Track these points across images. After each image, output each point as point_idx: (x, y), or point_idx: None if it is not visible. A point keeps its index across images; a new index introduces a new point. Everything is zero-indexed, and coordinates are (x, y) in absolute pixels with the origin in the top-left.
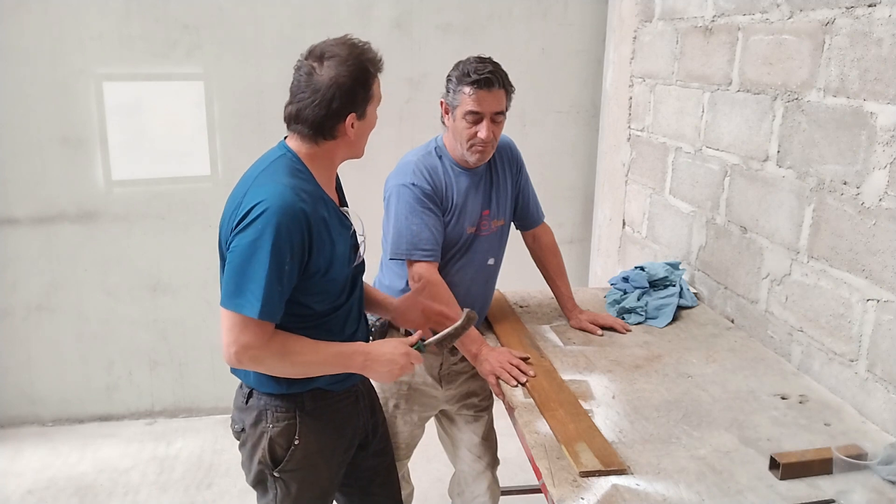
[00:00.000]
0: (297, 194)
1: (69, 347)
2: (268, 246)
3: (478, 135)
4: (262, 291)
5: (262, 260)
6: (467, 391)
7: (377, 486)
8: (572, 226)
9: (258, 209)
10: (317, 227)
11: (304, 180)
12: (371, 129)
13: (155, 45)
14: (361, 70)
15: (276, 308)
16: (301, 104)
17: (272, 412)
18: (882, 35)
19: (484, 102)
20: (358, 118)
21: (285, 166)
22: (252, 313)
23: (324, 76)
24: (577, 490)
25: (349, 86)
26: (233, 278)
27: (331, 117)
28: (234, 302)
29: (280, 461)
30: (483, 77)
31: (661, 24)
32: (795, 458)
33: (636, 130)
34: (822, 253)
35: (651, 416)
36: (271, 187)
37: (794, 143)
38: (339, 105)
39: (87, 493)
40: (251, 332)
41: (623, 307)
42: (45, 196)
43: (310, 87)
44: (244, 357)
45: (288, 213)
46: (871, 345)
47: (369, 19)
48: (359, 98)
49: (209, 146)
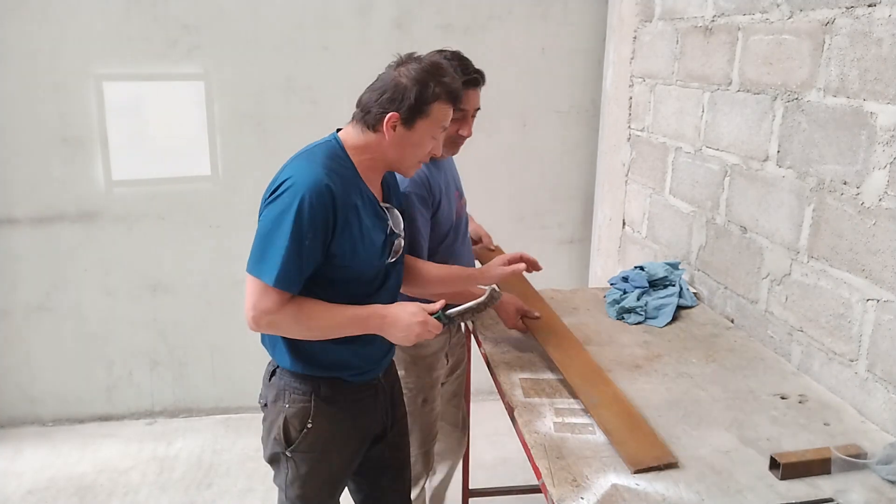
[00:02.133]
0: (328, 174)
1: (69, 347)
2: (291, 218)
3: (460, 132)
4: (280, 260)
5: (285, 231)
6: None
7: (387, 480)
8: (572, 226)
9: (287, 183)
10: (343, 208)
11: (341, 165)
12: (416, 146)
13: (155, 45)
14: (424, 81)
15: (294, 279)
16: (369, 89)
17: (290, 392)
18: (882, 35)
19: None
20: (402, 123)
21: (326, 150)
22: (268, 280)
23: (396, 72)
24: (576, 490)
25: (405, 85)
26: (258, 246)
27: (377, 106)
28: (256, 267)
29: (293, 441)
30: (472, 77)
31: (661, 24)
32: (796, 457)
33: (636, 130)
34: (822, 253)
35: (651, 415)
36: (304, 164)
37: (794, 143)
38: (388, 98)
39: (87, 493)
40: (269, 298)
41: (623, 307)
42: (45, 196)
43: (382, 79)
44: (262, 321)
45: (314, 189)
46: (870, 345)
47: (369, 19)
48: (408, 101)
49: (209, 146)
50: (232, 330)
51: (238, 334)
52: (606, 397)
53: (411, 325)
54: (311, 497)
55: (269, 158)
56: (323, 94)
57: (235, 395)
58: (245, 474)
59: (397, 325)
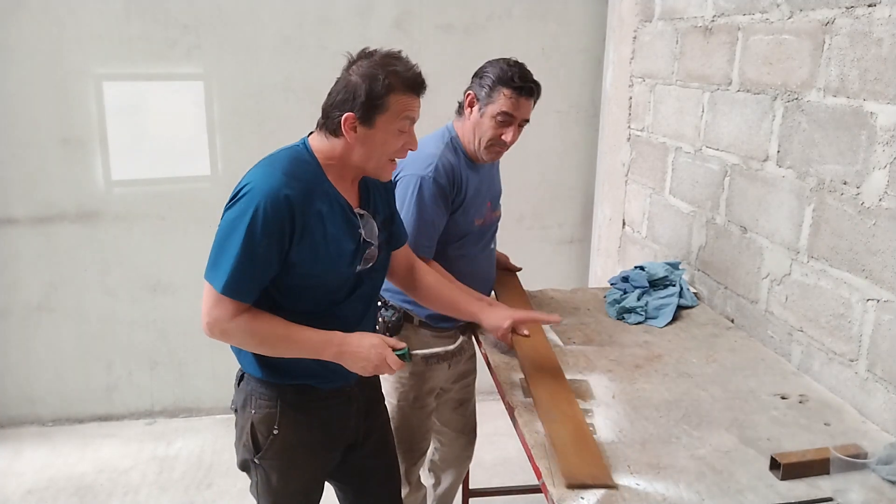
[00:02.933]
0: (287, 181)
1: (69, 347)
2: (244, 226)
3: (503, 137)
4: (230, 268)
5: (237, 238)
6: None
7: (374, 486)
8: (572, 226)
9: (245, 189)
10: (303, 216)
11: (305, 171)
12: (383, 143)
13: (155, 45)
14: (373, 75)
15: (246, 287)
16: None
17: (256, 398)
18: (882, 35)
19: (521, 109)
20: (360, 122)
21: (290, 155)
22: (217, 287)
23: (348, 72)
24: (576, 490)
25: (354, 83)
26: (213, 251)
27: (333, 108)
28: (209, 273)
29: (261, 448)
30: (527, 86)
31: (661, 24)
32: (796, 458)
33: (636, 130)
34: (822, 253)
35: (651, 415)
36: (263, 170)
37: (794, 143)
38: (341, 99)
39: (87, 493)
40: (221, 306)
41: (623, 307)
42: (45, 196)
43: (337, 81)
44: (215, 329)
45: (270, 196)
46: (871, 345)
47: (369, 19)
48: (360, 99)
49: (209, 146)
50: None
51: None
52: (566, 417)
53: (370, 356)
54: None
55: None
56: (323, 94)
57: None
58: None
59: (355, 355)
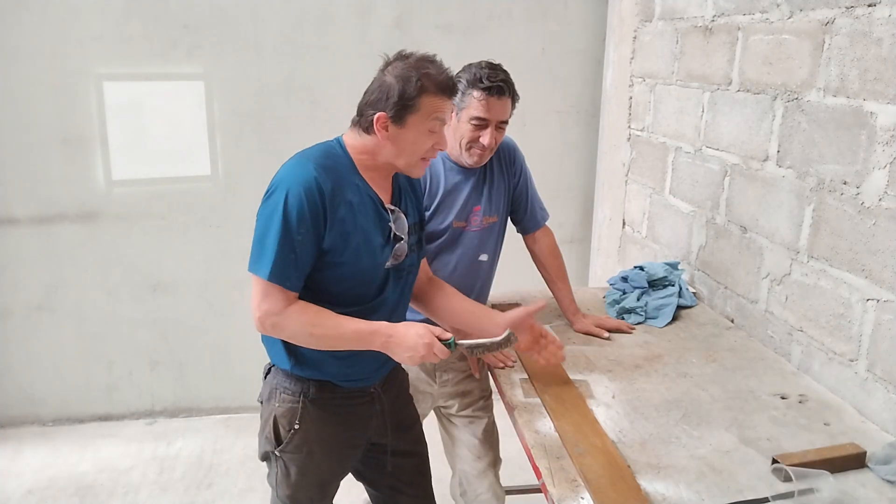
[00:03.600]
0: (318, 171)
1: (69, 347)
2: (280, 214)
3: (480, 140)
4: (273, 255)
5: (276, 227)
6: (463, 390)
7: (405, 485)
8: (572, 226)
9: (278, 181)
10: (335, 204)
11: (336, 163)
12: (413, 143)
13: (155, 45)
14: (407, 76)
15: (290, 273)
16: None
17: (280, 391)
18: (882, 35)
19: (493, 110)
20: (392, 121)
21: (322, 149)
22: (263, 274)
23: (383, 73)
24: (576, 490)
25: (389, 83)
26: (254, 246)
27: (367, 106)
28: (253, 266)
29: (282, 441)
30: (495, 85)
31: (661, 24)
32: (797, 458)
33: (636, 130)
34: (822, 253)
35: (651, 415)
36: (295, 162)
37: (794, 143)
38: (375, 98)
39: (87, 493)
40: (271, 298)
41: (623, 307)
42: (45, 196)
43: (373, 81)
44: (266, 322)
45: (302, 184)
46: (870, 344)
47: (369, 19)
48: (393, 99)
49: (209, 146)
50: (232, 330)
51: (238, 334)
52: (594, 448)
53: (417, 346)
54: (301, 498)
55: (269, 158)
56: (323, 94)
57: (235, 394)
58: (245, 474)
59: (402, 344)
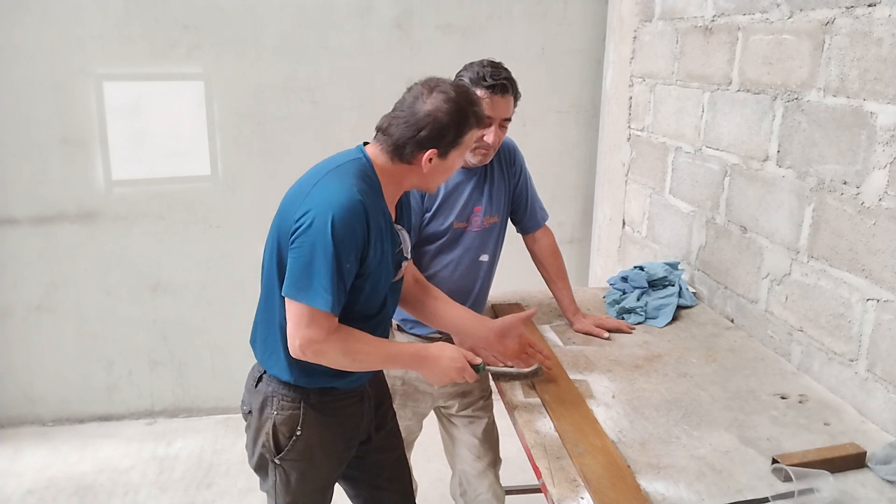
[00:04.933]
0: (360, 190)
1: (69, 347)
2: (329, 239)
3: (484, 138)
4: (329, 284)
5: (328, 254)
6: (462, 390)
7: (385, 480)
8: (572, 226)
9: (323, 205)
10: (372, 229)
11: (371, 186)
12: (448, 172)
13: (155, 45)
14: (462, 114)
15: (339, 301)
16: (396, 119)
17: (278, 399)
18: (882, 35)
19: (497, 108)
20: (439, 156)
21: (357, 169)
22: (324, 306)
23: (427, 104)
24: (576, 490)
25: (444, 123)
26: (300, 272)
27: (414, 143)
28: (304, 294)
29: (282, 449)
30: (499, 83)
31: (661, 24)
32: (797, 458)
33: (636, 130)
34: (822, 253)
35: (651, 415)
36: (338, 184)
37: (794, 143)
38: (426, 136)
39: (87, 493)
40: (317, 324)
41: (622, 307)
42: (45, 196)
43: (410, 108)
44: (308, 350)
45: (350, 209)
46: (870, 344)
47: (369, 19)
48: (447, 138)
49: (209, 146)
50: (232, 330)
51: (238, 334)
52: (594, 448)
53: (449, 369)
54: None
55: (268, 158)
56: (323, 94)
57: (235, 395)
58: (245, 474)
59: (436, 365)
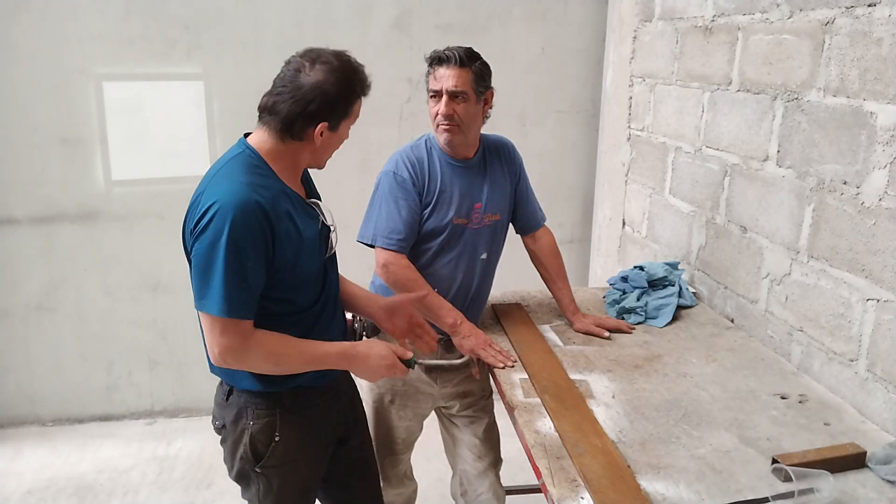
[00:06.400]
0: (254, 190)
1: (69, 347)
2: (224, 244)
3: (437, 112)
4: (222, 290)
5: (221, 259)
6: (463, 391)
7: (355, 479)
8: (572, 226)
9: (213, 209)
10: (278, 220)
11: (262, 176)
12: (339, 144)
13: (155, 45)
14: (348, 84)
15: (244, 305)
16: (279, 97)
17: (252, 409)
18: (882, 35)
19: (440, 79)
20: (329, 129)
21: (242, 164)
22: (216, 312)
23: (311, 77)
24: (576, 490)
25: (332, 94)
26: (198, 280)
27: (303, 118)
28: (200, 303)
29: (262, 457)
30: (439, 55)
31: (661, 24)
32: (797, 458)
33: (636, 130)
34: (822, 253)
35: (651, 415)
36: (226, 185)
37: (794, 143)
38: (316, 109)
39: (87, 493)
40: (230, 331)
41: (623, 307)
42: (45, 196)
43: (293, 84)
44: (228, 357)
45: (243, 209)
46: (870, 344)
47: (369, 19)
48: (337, 110)
49: (209, 146)
50: None
51: None
52: (594, 448)
53: (379, 367)
54: None
55: None
56: None
57: None
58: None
59: (364, 364)
